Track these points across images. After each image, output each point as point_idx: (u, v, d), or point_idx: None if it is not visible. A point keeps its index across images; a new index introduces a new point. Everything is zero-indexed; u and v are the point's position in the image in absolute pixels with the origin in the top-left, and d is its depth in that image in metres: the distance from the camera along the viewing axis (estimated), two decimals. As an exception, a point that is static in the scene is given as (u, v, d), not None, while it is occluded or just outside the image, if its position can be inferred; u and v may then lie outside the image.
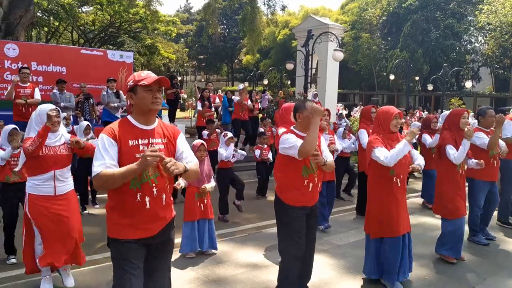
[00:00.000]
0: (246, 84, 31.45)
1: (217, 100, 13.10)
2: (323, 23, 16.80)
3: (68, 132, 6.80)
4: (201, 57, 57.55)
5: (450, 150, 4.82)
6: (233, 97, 12.18)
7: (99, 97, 9.79)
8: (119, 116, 9.47)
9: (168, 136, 2.72)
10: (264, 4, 22.96)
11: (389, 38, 43.92)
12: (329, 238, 5.90)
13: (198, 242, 5.14)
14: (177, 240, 5.44)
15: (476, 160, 5.14)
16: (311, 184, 3.58)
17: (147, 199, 2.59)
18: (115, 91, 9.56)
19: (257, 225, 6.71)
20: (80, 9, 28.60)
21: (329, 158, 3.67)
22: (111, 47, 28.40)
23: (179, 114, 17.40)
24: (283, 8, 24.25)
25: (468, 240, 5.76)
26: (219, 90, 24.51)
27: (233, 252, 5.28)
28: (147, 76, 2.61)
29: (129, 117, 2.67)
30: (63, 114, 7.20)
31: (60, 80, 9.38)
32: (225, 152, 6.70)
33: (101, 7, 27.94)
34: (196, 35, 55.19)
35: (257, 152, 8.48)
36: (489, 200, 5.79)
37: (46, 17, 26.90)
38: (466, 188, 5.19)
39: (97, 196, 7.68)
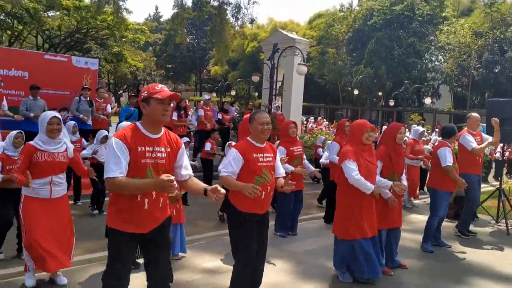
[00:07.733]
0: (214, 94, 31.58)
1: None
2: (289, 37, 17.15)
3: (74, 142, 6.91)
4: (169, 66, 57.27)
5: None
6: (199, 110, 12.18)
7: (63, 104, 9.76)
8: (91, 124, 9.46)
9: (171, 145, 2.97)
10: (233, 16, 23.07)
11: (354, 54, 45.02)
12: (287, 246, 6.07)
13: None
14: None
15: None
16: (263, 193, 3.73)
17: (146, 200, 2.87)
18: (88, 99, 9.51)
19: (217, 234, 6.79)
20: (46, 13, 27.98)
21: (281, 173, 3.99)
22: (77, 53, 27.92)
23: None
24: (252, 22, 24.41)
25: (421, 248, 6.11)
26: (186, 100, 24.31)
27: (190, 259, 5.37)
28: (161, 90, 2.89)
29: (138, 124, 2.90)
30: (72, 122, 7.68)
31: (33, 86, 8.96)
32: None
33: (67, 12, 27.45)
34: (164, 44, 54.96)
35: (208, 145, 8.53)
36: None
37: (9, 20, 26.23)
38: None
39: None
